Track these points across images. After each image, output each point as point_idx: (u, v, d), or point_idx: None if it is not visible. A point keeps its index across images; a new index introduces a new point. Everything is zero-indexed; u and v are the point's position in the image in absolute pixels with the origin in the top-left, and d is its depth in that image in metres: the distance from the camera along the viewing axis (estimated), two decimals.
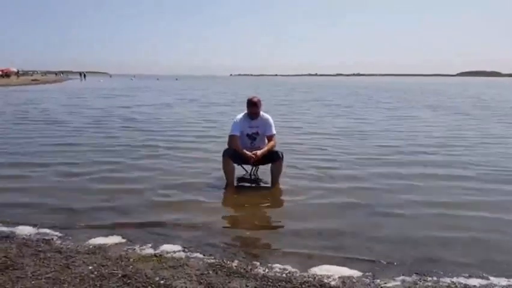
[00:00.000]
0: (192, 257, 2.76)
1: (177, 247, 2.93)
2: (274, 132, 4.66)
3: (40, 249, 2.86)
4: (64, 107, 15.77)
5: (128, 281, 2.38)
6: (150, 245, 2.95)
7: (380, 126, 10.43)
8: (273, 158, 4.54)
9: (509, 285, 2.46)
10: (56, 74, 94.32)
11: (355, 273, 2.57)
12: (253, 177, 4.92)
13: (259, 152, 4.45)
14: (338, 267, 2.65)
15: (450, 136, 8.74)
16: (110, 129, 9.60)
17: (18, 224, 3.38)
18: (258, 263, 2.69)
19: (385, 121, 11.74)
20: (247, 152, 4.44)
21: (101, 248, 2.90)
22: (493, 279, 2.51)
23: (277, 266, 2.64)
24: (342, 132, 9.23)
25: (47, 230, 3.25)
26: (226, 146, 4.60)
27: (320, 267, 2.64)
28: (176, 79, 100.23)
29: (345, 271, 2.59)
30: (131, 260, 2.68)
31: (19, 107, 15.35)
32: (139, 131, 9.29)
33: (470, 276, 2.54)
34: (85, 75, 77.71)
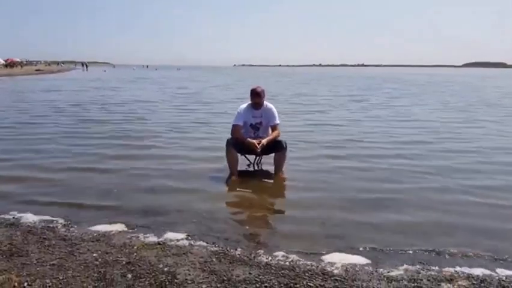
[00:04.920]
0: (196, 245, 2.78)
1: (181, 235, 2.94)
2: (278, 121, 4.64)
3: (45, 236, 2.88)
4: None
5: (132, 268, 2.40)
6: (154, 233, 2.97)
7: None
8: (277, 147, 4.52)
9: None
10: (58, 63, 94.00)
11: (358, 261, 2.58)
12: (256, 167, 4.92)
13: (264, 140, 4.43)
14: (341, 255, 2.66)
15: None
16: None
17: (23, 211, 3.40)
18: (261, 251, 2.70)
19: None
20: (252, 140, 4.43)
21: (105, 235, 2.92)
22: (497, 269, 2.51)
23: (280, 254, 2.65)
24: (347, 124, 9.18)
25: (52, 218, 3.27)
26: (229, 136, 4.59)
27: (323, 255, 2.65)
28: (178, 69, 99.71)
29: (348, 259, 2.60)
30: (135, 247, 2.70)
31: None
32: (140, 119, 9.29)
33: (473, 266, 2.54)
34: (87, 66, 77.16)
